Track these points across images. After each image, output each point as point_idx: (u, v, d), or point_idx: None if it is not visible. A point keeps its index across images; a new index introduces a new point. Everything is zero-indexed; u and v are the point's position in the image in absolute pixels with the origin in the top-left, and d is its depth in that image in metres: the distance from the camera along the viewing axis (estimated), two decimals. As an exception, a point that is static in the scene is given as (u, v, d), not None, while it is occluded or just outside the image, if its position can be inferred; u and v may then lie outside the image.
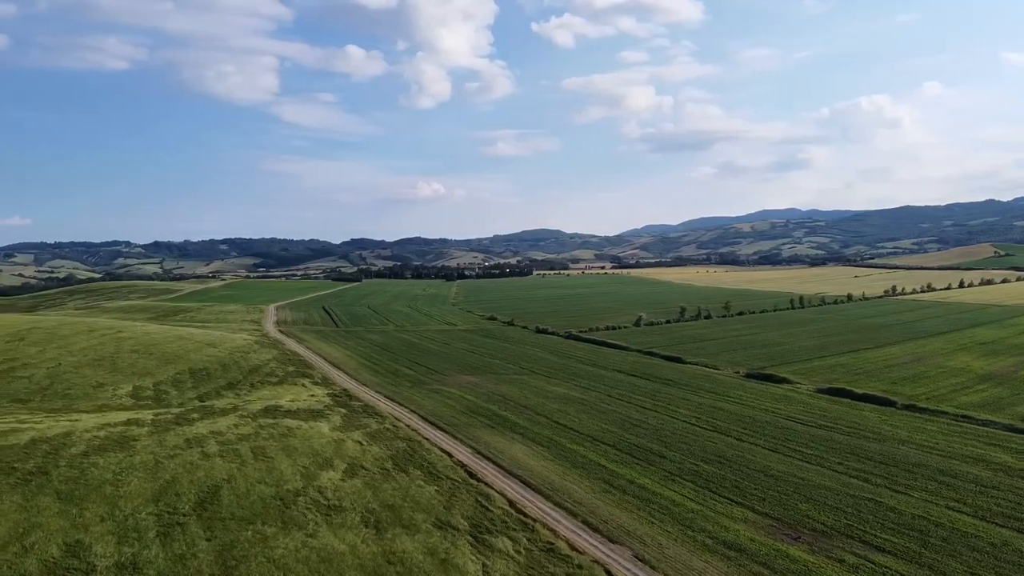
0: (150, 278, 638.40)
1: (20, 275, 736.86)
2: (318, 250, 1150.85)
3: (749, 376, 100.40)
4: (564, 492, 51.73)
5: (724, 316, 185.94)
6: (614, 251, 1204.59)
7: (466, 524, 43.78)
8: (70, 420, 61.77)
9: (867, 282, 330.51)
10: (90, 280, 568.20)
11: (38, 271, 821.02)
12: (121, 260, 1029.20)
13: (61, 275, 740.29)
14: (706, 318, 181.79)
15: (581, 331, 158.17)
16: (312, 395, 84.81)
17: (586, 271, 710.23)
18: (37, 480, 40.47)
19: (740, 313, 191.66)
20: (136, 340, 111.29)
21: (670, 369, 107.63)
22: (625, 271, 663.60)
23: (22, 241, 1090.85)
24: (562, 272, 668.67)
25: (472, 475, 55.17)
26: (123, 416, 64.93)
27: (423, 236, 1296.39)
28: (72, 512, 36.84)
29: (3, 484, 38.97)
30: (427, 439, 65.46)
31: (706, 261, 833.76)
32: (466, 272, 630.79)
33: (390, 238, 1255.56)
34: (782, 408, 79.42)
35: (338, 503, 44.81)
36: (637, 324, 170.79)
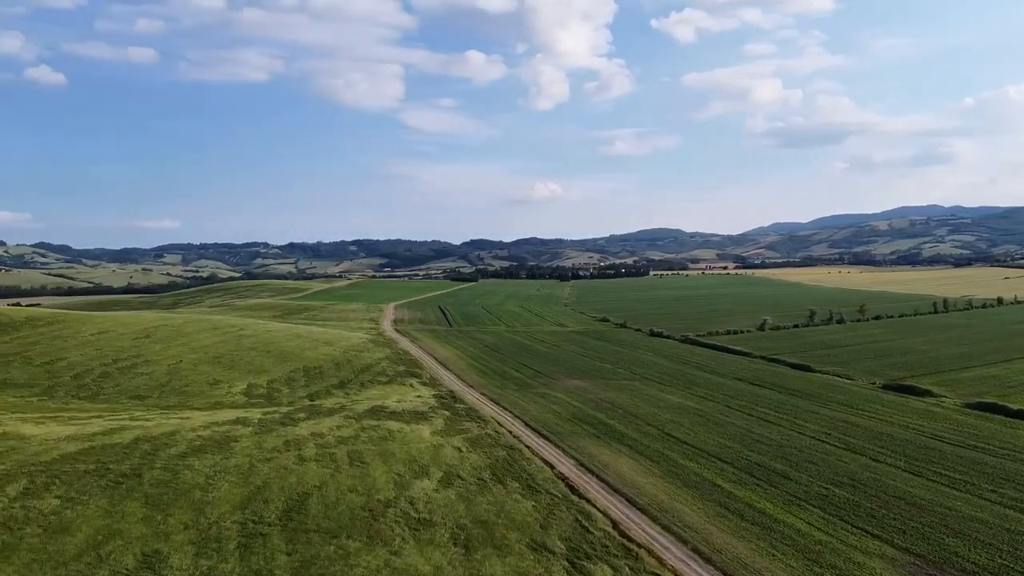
0: (284, 277, 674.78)
1: (168, 274, 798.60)
2: (439, 251, 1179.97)
3: (886, 387, 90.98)
4: (674, 514, 47.10)
5: (858, 320, 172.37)
6: (737, 251, 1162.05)
7: (563, 547, 40.23)
8: (181, 418, 63.24)
9: (1019, 284, 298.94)
10: (230, 279, 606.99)
11: (184, 270, 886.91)
12: (260, 260, 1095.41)
13: (204, 274, 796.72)
14: (838, 322, 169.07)
15: (699, 335, 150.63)
16: (418, 396, 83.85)
17: (707, 271, 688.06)
18: (128, 483, 40.56)
19: (876, 317, 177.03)
20: (256, 338, 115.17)
21: (797, 378, 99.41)
22: (749, 271, 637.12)
23: (171, 242, 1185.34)
24: (681, 272, 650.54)
25: (573, 490, 51.53)
26: (232, 415, 65.93)
27: (539, 236, 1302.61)
28: (156, 519, 36.37)
29: (94, 487, 39.22)
30: (529, 447, 62.37)
31: (838, 261, 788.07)
32: (580, 272, 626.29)
33: (507, 239, 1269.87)
34: (924, 425, 70.65)
35: (428, 517, 42.44)
36: (761, 328, 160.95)
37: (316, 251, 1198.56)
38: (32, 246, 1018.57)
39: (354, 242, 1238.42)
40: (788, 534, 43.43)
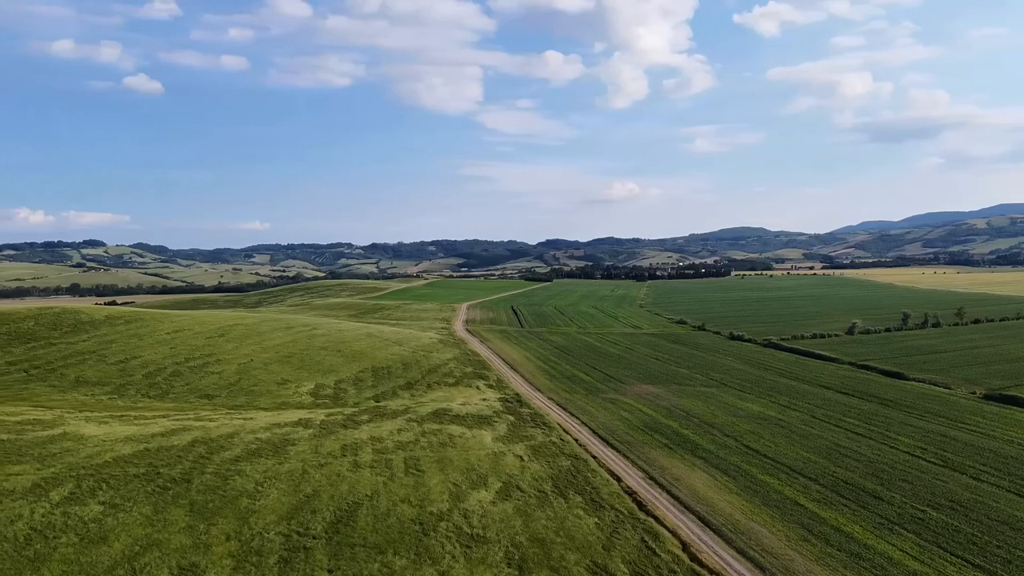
0: (366, 277, 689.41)
1: (256, 273, 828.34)
2: (515, 251, 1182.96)
3: (988, 398, 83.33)
4: (751, 536, 43.15)
5: (956, 324, 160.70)
6: (825, 250, 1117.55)
7: (626, 571, 37.08)
8: (244, 418, 63.03)
9: None
10: (314, 278, 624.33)
11: (272, 270, 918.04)
12: (343, 260, 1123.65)
13: (291, 274, 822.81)
14: (934, 326, 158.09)
15: (782, 339, 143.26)
16: (484, 399, 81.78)
17: (792, 272, 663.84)
18: (176, 488, 39.69)
19: (976, 321, 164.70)
20: (327, 337, 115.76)
21: (889, 387, 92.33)
22: (837, 272, 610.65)
23: (260, 243, 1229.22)
24: (764, 273, 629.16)
25: (641, 505, 48.16)
26: (295, 416, 65.38)
27: (615, 236, 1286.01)
28: (199, 528, 35.19)
29: (140, 492, 38.45)
30: (595, 457, 59.19)
31: (933, 261, 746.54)
32: (657, 272, 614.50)
33: (583, 239, 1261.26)
34: (1034, 441, 63.81)
35: (482, 533, 39.96)
36: (850, 332, 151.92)
37: (397, 251, 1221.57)
38: (131, 247, 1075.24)
39: (433, 242, 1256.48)
40: (879, 562, 39.07)
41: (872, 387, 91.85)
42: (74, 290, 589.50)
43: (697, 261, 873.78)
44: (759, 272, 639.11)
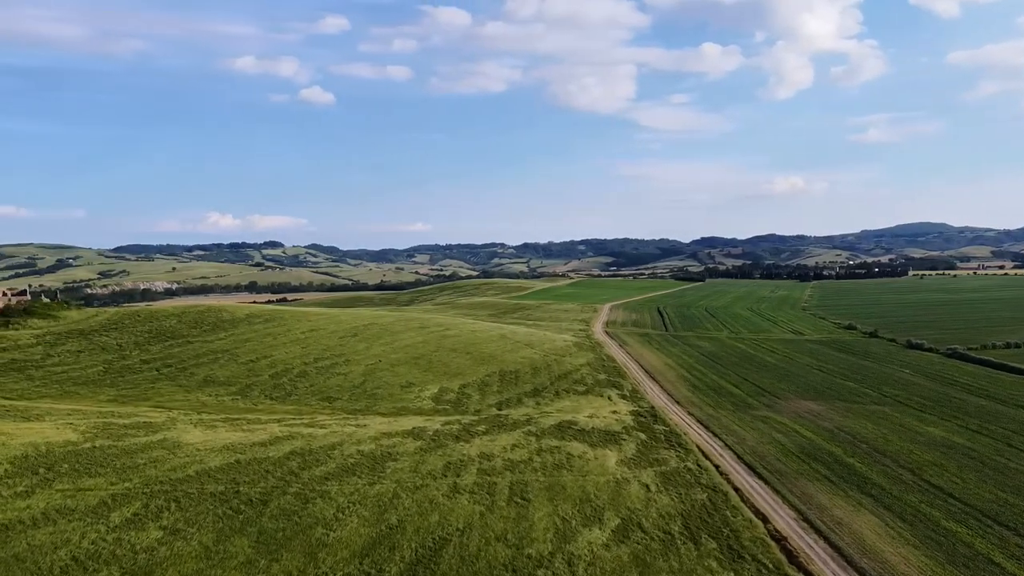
0: (515, 276, 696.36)
1: (416, 272, 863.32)
2: (667, 249, 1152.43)
3: None
4: (936, 613, 33.63)
5: None
6: (1017, 247, 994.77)
7: (766, 654, 29.12)
8: (356, 425, 60.09)
9: None
10: (467, 277, 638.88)
11: (431, 269, 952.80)
12: (496, 260, 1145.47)
13: (447, 273, 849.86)
14: None
15: (969, 348, 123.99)
16: (614, 411, 74.66)
17: (979, 271, 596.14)
18: (248, 513, 36.16)
19: None
20: (458, 338, 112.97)
21: (1118, 413, 75.30)
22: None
23: (422, 244, 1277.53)
24: (946, 272, 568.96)
25: (792, 556, 39.60)
26: (410, 423, 61.71)
27: (777, 233, 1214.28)
28: (259, 565, 31.24)
29: (208, 516, 35.18)
30: (738, 490, 50.62)
31: None
32: (824, 272, 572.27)
33: (741, 236, 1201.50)
34: None
35: (587, 586, 33.38)
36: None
37: (547, 251, 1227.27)
38: (306, 247, 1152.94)
39: (582, 241, 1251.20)
40: None
41: (1095, 413, 75.31)
42: (252, 287, 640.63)
43: (869, 260, 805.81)
44: (941, 272, 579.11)
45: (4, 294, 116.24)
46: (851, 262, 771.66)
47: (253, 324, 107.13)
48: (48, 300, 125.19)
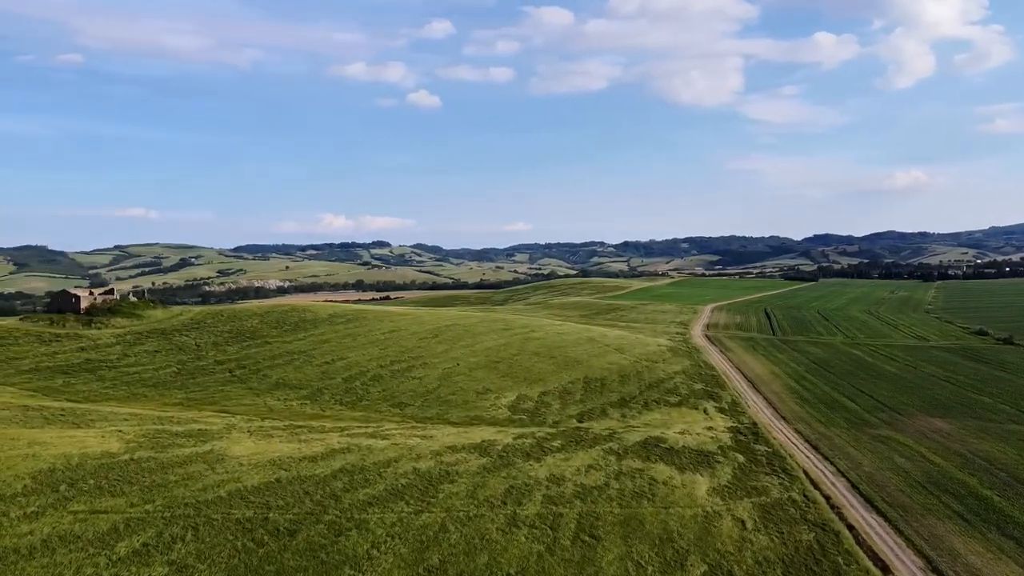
0: (614, 275, 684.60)
1: (515, 271, 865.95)
2: (777, 247, 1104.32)
3: None
4: None
5: None
6: None
7: None
8: (422, 436, 56.11)
9: None
10: (565, 276, 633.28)
11: (529, 268, 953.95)
12: (596, 258, 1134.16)
13: (545, 271, 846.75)
14: None
15: None
16: (710, 427, 67.62)
17: None
18: (271, 545, 32.15)
19: None
20: (542, 341, 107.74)
21: None
22: None
23: (521, 243, 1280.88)
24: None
25: (918, 622, 32.26)
26: (479, 436, 57.19)
27: (897, 230, 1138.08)
28: (266, 614, 27.18)
29: (226, 549, 31.15)
30: (852, 528, 43.10)
31: None
32: (949, 271, 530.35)
33: (858, 233, 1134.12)
34: None
35: (658, 654, 27.57)
36: None
37: (648, 249, 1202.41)
38: (411, 247, 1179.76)
39: (686, 239, 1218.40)
40: None
41: None
42: (358, 285, 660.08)
43: (1000, 258, 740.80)
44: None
45: (90, 293, 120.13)
46: (979, 261, 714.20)
47: (335, 324, 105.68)
48: (135, 299, 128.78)
